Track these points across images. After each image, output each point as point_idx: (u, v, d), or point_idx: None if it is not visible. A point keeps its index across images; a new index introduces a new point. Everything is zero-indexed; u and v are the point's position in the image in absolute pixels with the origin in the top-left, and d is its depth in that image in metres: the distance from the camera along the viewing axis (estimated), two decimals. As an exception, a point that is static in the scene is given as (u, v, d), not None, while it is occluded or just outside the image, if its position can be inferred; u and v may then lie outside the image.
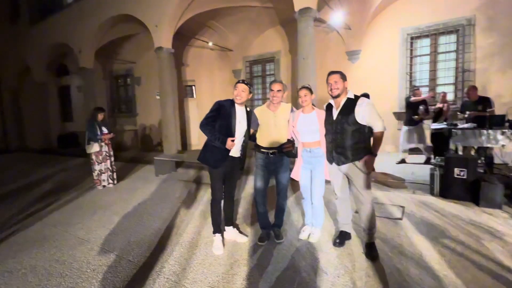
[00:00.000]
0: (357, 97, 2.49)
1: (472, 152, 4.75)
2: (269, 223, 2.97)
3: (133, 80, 11.37)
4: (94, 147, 5.19)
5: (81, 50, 9.37)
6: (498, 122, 4.12)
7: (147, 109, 10.97)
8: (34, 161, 9.61)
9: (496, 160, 4.67)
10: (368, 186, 2.52)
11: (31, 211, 4.20)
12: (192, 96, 10.52)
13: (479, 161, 4.26)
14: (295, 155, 2.81)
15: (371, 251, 2.51)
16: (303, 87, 2.73)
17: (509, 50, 6.20)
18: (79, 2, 9.37)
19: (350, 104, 2.47)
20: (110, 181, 5.48)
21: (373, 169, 2.53)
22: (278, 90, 2.72)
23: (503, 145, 4.07)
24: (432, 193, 4.10)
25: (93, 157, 5.28)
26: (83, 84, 9.91)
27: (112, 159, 5.54)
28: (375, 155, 2.46)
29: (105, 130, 5.36)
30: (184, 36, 8.95)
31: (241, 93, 2.69)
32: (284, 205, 2.95)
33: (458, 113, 5.34)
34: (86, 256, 2.77)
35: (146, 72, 10.86)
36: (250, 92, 2.75)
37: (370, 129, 2.48)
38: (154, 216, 3.76)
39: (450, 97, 7.08)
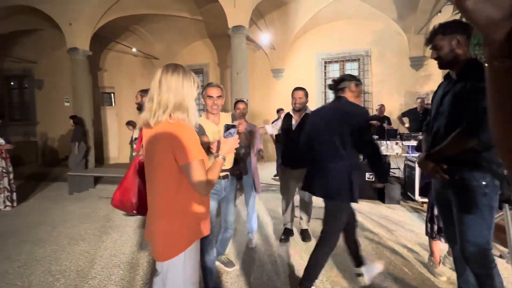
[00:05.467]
0: None
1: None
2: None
3: (32, 82, 9.66)
4: (-14, 162, 4.21)
5: (-43, 41, 7.50)
6: (393, 135, 5.16)
7: (51, 118, 9.42)
8: None
9: (392, 165, 5.79)
10: None
11: None
12: (111, 105, 9.59)
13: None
14: (242, 176, 2.55)
15: (305, 235, 3.12)
16: (242, 101, 3.01)
17: (394, 78, 7.84)
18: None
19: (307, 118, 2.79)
20: (8, 203, 4.50)
21: None
22: (218, 96, 2.02)
23: (397, 153, 5.10)
24: (349, 195, 4.81)
25: (-16, 174, 4.27)
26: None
27: (11, 176, 4.58)
28: None
29: (1, 140, 4.43)
30: (103, 38, 8.19)
31: None
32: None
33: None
34: (-9, 297, 2.24)
35: (50, 74, 9.39)
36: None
37: None
38: (78, 240, 3.28)
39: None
